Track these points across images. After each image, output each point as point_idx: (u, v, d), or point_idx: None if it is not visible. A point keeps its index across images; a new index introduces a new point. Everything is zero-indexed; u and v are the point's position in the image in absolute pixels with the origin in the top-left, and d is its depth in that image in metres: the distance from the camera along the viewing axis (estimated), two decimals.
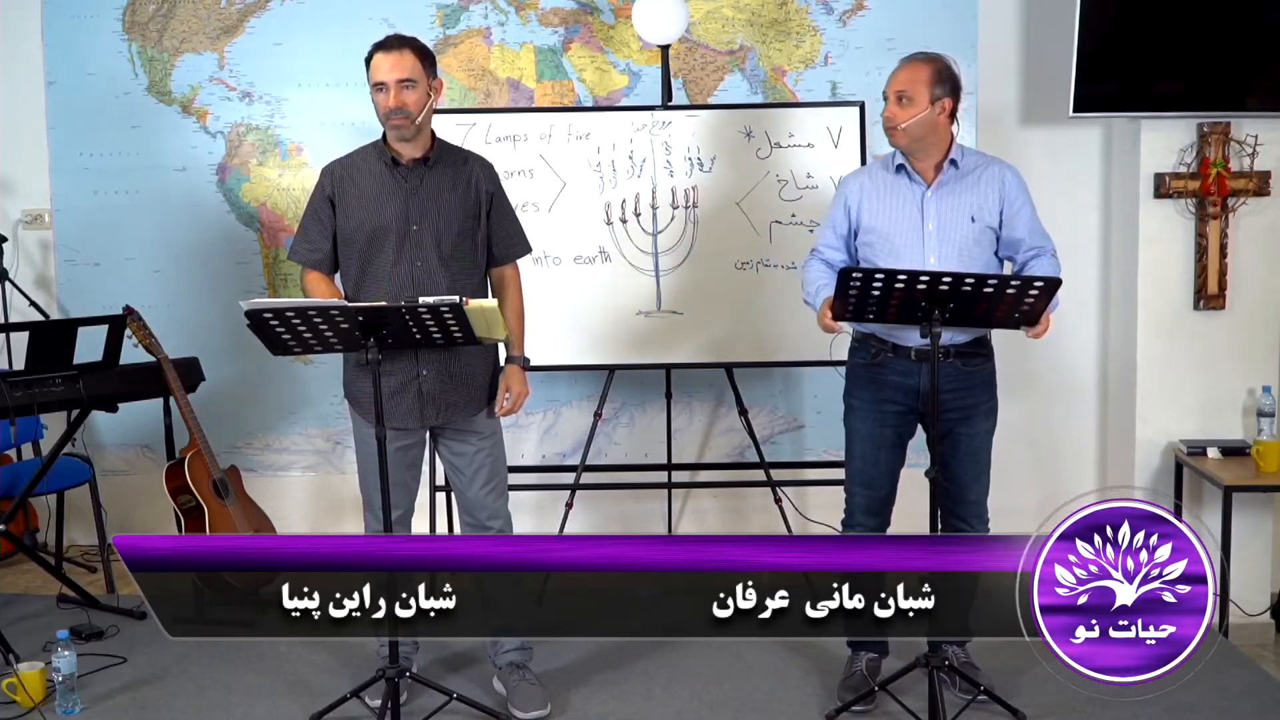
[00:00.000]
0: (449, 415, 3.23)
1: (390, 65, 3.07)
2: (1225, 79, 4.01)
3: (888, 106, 3.08)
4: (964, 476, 3.20)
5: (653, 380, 4.53)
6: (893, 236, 3.13)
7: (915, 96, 3.04)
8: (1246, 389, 4.15)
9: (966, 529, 3.23)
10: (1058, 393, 4.58)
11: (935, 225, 3.11)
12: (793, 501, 4.31)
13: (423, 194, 3.15)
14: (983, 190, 3.12)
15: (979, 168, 3.14)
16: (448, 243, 3.16)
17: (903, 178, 3.15)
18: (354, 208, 3.16)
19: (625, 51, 4.56)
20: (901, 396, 3.17)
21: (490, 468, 3.30)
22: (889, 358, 3.17)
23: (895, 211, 3.14)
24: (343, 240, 3.18)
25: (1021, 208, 3.13)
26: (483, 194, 3.24)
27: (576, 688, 3.39)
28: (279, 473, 4.80)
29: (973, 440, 3.19)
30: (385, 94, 3.08)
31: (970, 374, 3.16)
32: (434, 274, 3.14)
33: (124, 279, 4.68)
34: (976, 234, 3.11)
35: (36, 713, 3.24)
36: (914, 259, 3.09)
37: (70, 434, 3.96)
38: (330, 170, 3.22)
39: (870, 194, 3.17)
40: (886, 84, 3.11)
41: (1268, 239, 4.13)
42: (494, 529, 3.30)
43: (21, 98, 4.71)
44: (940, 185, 3.11)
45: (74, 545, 4.73)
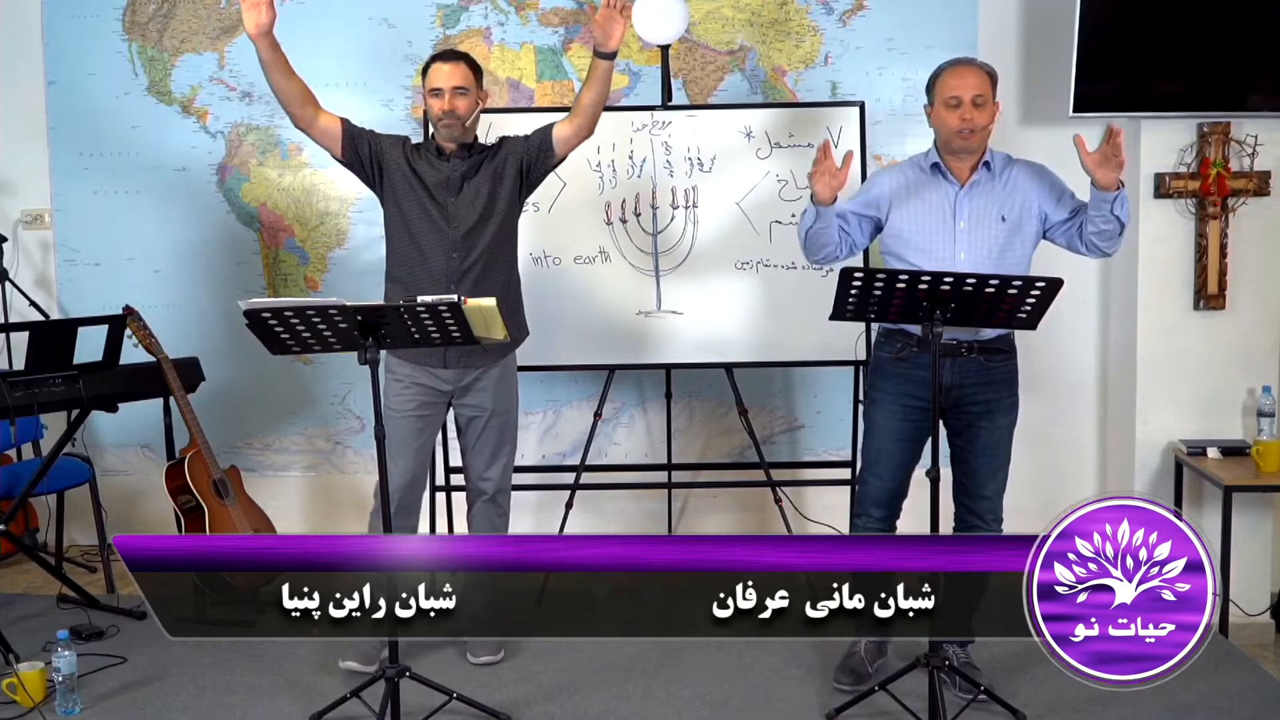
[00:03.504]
0: (470, 359, 3.40)
1: (447, 73, 3.35)
2: (1225, 79, 4.01)
3: (962, 110, 3.12)
4: (980, 471, 3.23)
5: (653, 380, 4.54)
6: (925, 232, 3.19)
7: (987, 100, 3.13)
8: (1246, 389, 4.15)
9: (980, 525, 3.25)
10: (1058, 393, 4.58)
11: (967, 223, 3.17)
12: (793, 501, 4.31)
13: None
14: (1012, 192, 3.20)
15: (1006, 169, 3.23)
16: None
17: (937, 177, 3.21)
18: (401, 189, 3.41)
19: (625, 51, 4.55)
20: (925, 390, 3.16)
21: (497, 440, 3.51)
22: (914, 352, 3.21)
23: (928, 209, 3.20)
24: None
25: (1054, 191, 3.22)
26: (511, 164, 3.43)
27: (577, 688, 3.39)
28: (279, 473, 4.80)
29: (992, 434, 3.22)
30: (440, 98, 3.34)
31: (993, 370, 3.21)
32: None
33: (124, 279, 4.69)
34: (1007, 233, 3.17)
35: (36, 713, 3.24)
36: (945, 255, 3.16)
37: (70, 434, 3.96)
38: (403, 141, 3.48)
39: (902, 193, 3.23)
40: (939, 88, 3.16)
41: (1268, 239, 4.13)
42: (487, 492, 3.53)
43: (21, 98, 4.71)
44: (973, 185, 3.19)
45: (74, 545, 4.73)
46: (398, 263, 3.44)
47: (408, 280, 3.40)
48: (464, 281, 3.36)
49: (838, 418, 4.56)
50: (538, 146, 3.44)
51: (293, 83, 3.31)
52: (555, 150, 3.43)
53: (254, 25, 3.18)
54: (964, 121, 3.12)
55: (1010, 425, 3.27)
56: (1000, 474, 3.27)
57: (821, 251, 3.24)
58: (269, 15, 3.17)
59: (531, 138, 3.46)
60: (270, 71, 3.27)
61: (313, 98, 3.37)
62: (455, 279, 3.36)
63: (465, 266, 3.37)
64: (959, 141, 3.14)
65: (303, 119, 3.36)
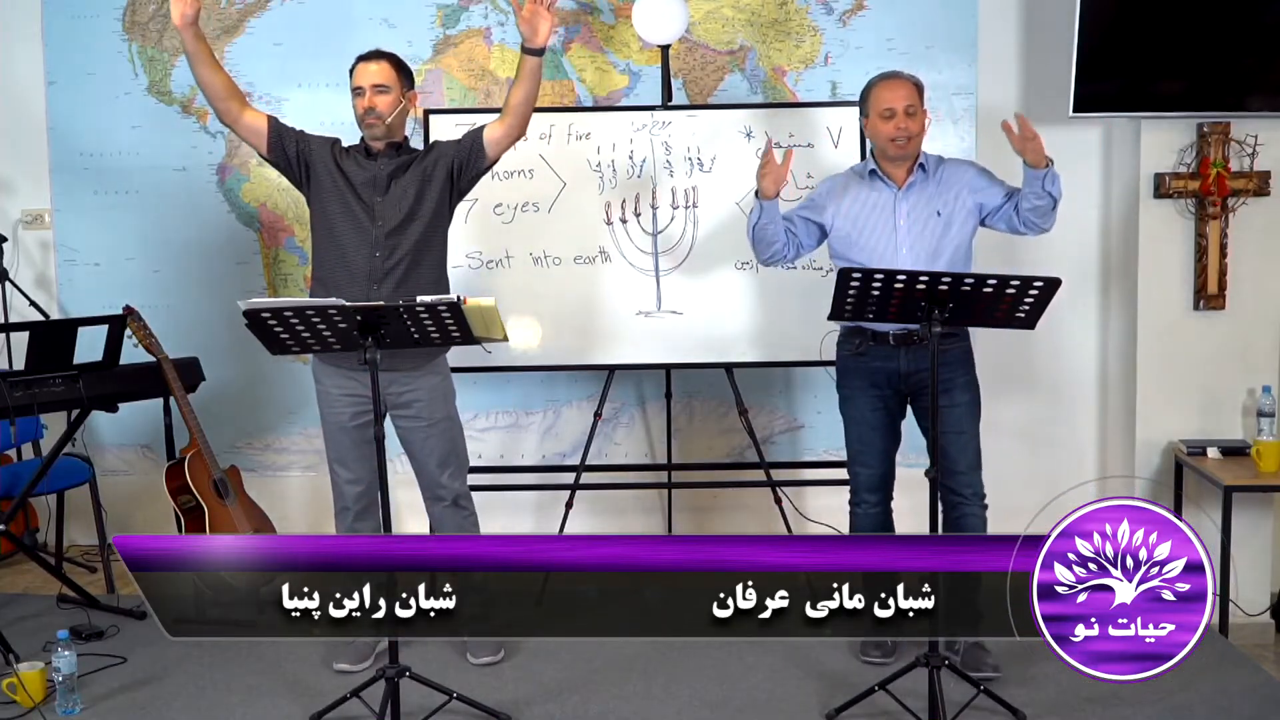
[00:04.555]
0: (394, 362, 3.31)
1: (371, 72, 3.38)
2: (1225, 79, 4.01)
3: (896, 120, 3.32)
4: (950, 448, 3.35)
5: (653, 380, 4.54)
6: (867, 231, 3.40)
7: (918, 109, 3.36)
8: (1246, 389, 4.14)
9: (961, 502, 3.38)
10: (1058, 392, 4.58)
11: (906, 221, 3.37)
12: (793, 501, 4.31)
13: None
14: (946, 188, 3.39)
15: (939, 169, 3.43)
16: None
17: (875, 182, 3.42)
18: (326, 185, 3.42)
19: (625, 51, 4.56)
20: (885, 380, 3.42)
21: (445, 446, 3.50)
22: (871, 345, 3.40)
23: (868, 210, 3.41)
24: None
25: (989, 183, 3.41)
26: (441, 166, 3.42)
27: (577, 688, 3.39)
28: (279, 473, 4.80)
29: (954, 412, 3.36)
30: (362, 97, 3.37)
31: (945, 352, 3.31)
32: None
33: (124, 279, 4.69)
34: (943, 228, 3.37)
35: (36, 713, 3.24)
36: (887, 252, 3.36)
37: (70, 434, 3.96)
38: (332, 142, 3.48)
39: (843, 196, 3.44)
40: (873, 101, 3.37)
41: (1268, 239, 4.13)
42: (446, 499, 3.52)
43: (21, 98, 4.71)
44: (910, 187, 3.40)
45: (74, 545, 4.73)
46: (319, 262, 3.42)
47: (327, 279, 3.38)
48: (386, 281, 3.33)
49: (838, 418, 4.54)
50: (469, 148, 3.42)
51: (217, 76, 3.34)
52: (486, 152, 3.41)
53: (179, 16, 3.23)
54: (899, 130, 3.33)
55: (970, 403, 3.43)
56: (969, 449, 3.41)
57: (769, 250, 3.43)
58: (194, 7, 3.23)
59: (463, 140, 3.44)
60: (194, 63, 3.31)
61: (238, 93, 3.41)
62: (378, 278, 3.34)
63: (389, 266, 3.34)
64: (895, 149, 3.35)
65: (228, 114, 3.38)
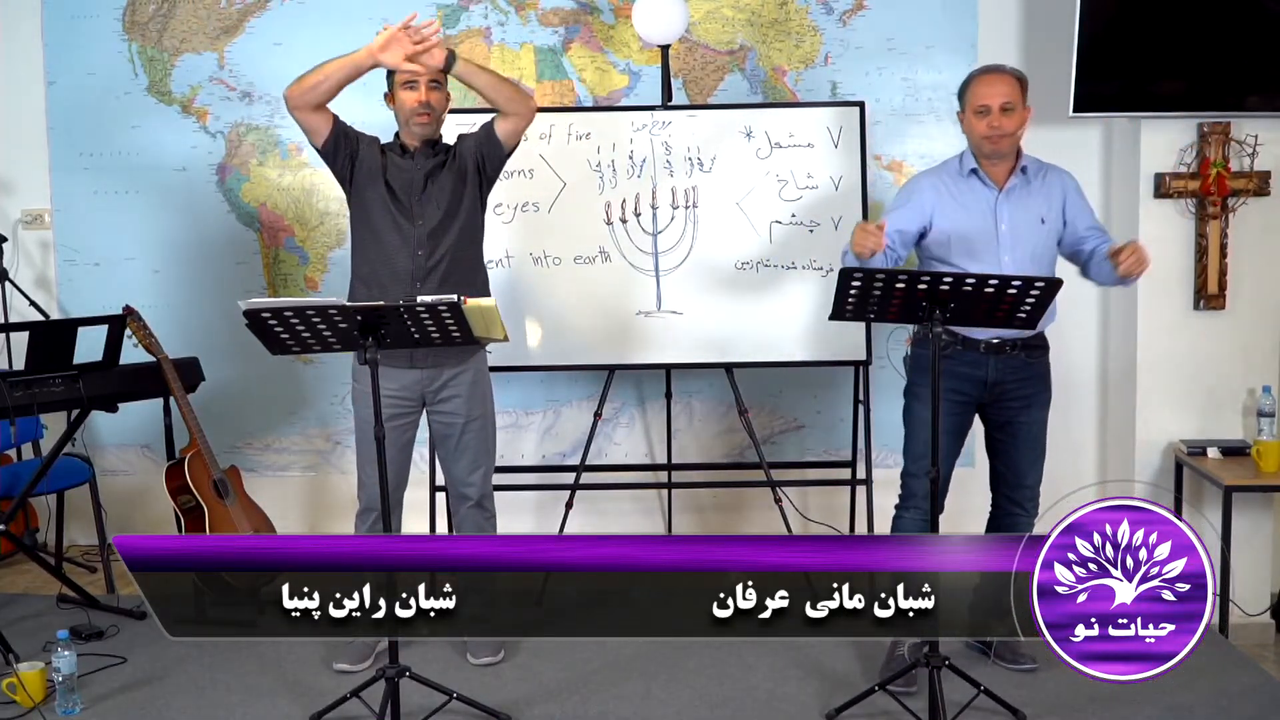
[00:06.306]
0: (438, 359, 3.37)
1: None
2: (1225, 79, 4.01)
3: (990, 117, 3.23)
4: (1021, 462, 3.38)
5: (653, 380, 4.54)
6: (969, 238, 3.29)
7: (1016, 107, 3.25)
8: (1246, 389, 4.14)
9: (1020, 513, 3.40)
10: (1058, 393, 4.53)
11: (1008, 227, 3.28)
12: (793, 501, 4.31)
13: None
14: (1048, 195, 3.32)
15: (1040, 173, 3.35)
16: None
17: (975, 181, 3.32)
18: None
19: (625, 51, 4.56)
20: (968, 387, 3.33)
21: (478, 446, 3.50)
22: (958, 350, 3.30)
23: (969, 214, 3.30)
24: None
25: (1082, 207, 3.36)
26: (470, 161, 3.43)
27: (577, 688, 3.39)
28: (279, 473, 4.80)
29: (1032, 428, 3.38)
30: (416, 90, 3.34)
31: (1033, 365, 3.36)
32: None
33: (124, 279, 4.69)
34: (1046, 235, 3.31)
35: (36, 713, 3.24)
36: (990, 259, 3.26)
37: (70, 434, 3.96)
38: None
39: (945, 196, 3.33)
40: (970, 96, 3.28)
41: (1268, 239, 4.13)
42: (472, 498, 3.52)
43: (21, 98, 4.71)
44: (1010, 190, 3.30)
45: (74, 545, 4.73)
46: (362, 260, 3.43)
47: (370, 278, 3.39)
48: (429, 280, 3.34)
49: (838, 418, 4.56)
50: (485, 139, 3.44)
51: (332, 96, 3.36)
52: (501, 142, 3.43)
53: (400, 58, 3.23)
54: (991, 128, 3.24)
55: (1045, 419, 3.43)
56: (1039, 464, 3.43)
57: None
58: (440, 57, 3.25)
59: (479, 132, 3.47)
60: (333, 87, 3.31)
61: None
62: (420, 276, 3.35)
63: (431, 264, 3.36)
64: (988, 146, 3.27)
65: (309, 105, 3.36)
